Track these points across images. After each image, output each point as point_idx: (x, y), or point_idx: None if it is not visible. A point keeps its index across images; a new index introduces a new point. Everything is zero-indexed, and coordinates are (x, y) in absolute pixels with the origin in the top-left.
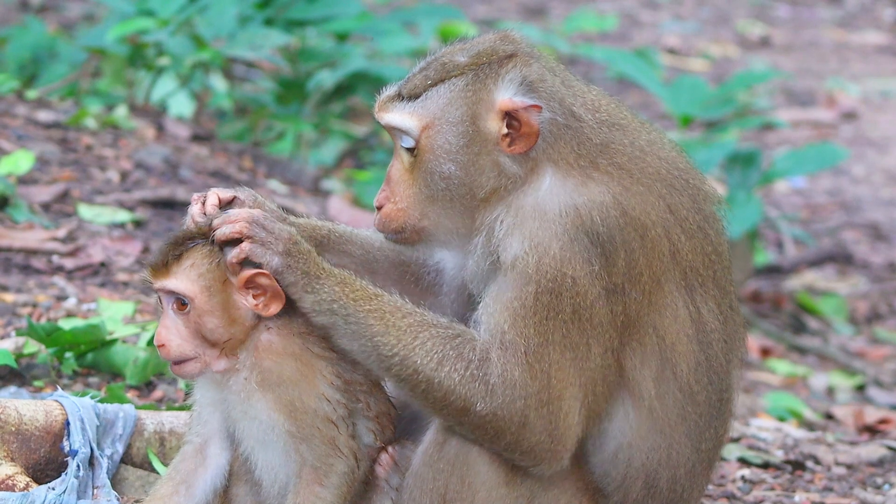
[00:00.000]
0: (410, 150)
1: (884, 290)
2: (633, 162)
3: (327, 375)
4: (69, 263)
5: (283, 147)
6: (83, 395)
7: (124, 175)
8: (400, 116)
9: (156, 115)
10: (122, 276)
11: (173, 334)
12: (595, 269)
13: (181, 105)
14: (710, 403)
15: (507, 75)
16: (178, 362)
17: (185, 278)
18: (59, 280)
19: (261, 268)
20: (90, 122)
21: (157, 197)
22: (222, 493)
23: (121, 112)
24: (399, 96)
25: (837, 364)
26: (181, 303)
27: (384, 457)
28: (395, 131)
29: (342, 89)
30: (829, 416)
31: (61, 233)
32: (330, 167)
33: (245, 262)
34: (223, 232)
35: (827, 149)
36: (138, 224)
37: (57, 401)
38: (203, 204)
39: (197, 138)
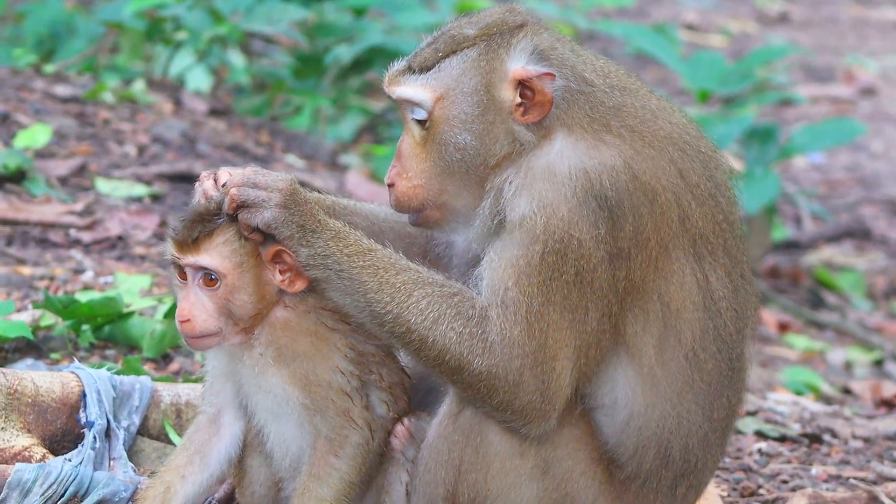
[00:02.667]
0: (422, 123)
1: None
2: (644, 125)
3: (341, 348)
4: (86, 237)
5: (301, 122)
6: (100, 367)
7: (142, 149)
8: (412, 89)
9: (173, 89)
10: (139, 250)
11: (199, 309)
12: (601, 233)
13: (199, 80)
14: (719, 372)
15: (518, 45)
16: (199, 336)
17: (217, 254)
18: (76, 253)
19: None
20: (108, 97)
21: (174, 171)
22: (237, 463)
23: (138, 86)
24: (410, 69)
25: (855, 339)
26: (209, 278)
27: (400, 429)
28: (406, 105)
29: (360, 64)
30: (847, 391)
31: (78, 206)
32: (348, 142)
33: (273, 237)
34: (226, 206)
35: (845, 124)
36: (155, 198)
37: (73, 372)
38: (216, 181)
39: (214, 113)
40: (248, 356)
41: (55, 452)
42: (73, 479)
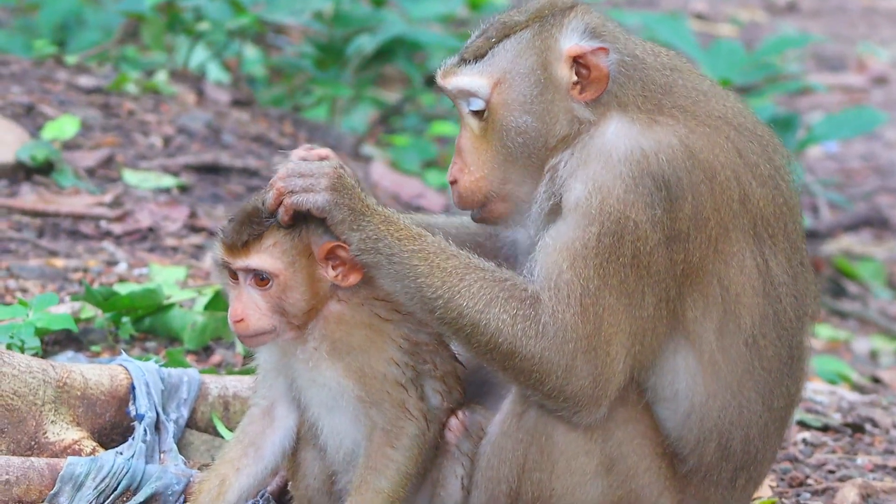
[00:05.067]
0: (479, 114)
1: None
2: (697, 105)
3: (395, 339)
4: (117, 228)
5: (320, 112)
6: (144, 359)
7: (167, 140)
8: (468, 78)
9: (195, 80)
10: (170, 241)
11: (252, 309)
12: (657, 214)
13: (214, 72)
14: (779, 359)
15: (570, 24)
16: (253, 335)
17: (268, 256)
18: (108, 245)
19: (339, 240)
20: (131, 88)
21: (200, 162)
22: (291, 456)
23: (161, 77)
24: (463, 61)
25: (878, 328)
26: (260, 279)
27: (454, 422)
28: (462, 96)
29: (382, 55)
30: (876, 380)
31: (107, 198)
32: (362, 134)
33: (327, 233)
34: (268, 203)
35: (865, 113)
36: (183, 189)
37: (122, 365)
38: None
39: (237, 103)
40: (301, 351)
41: (104, 446)
42: (126, 473)
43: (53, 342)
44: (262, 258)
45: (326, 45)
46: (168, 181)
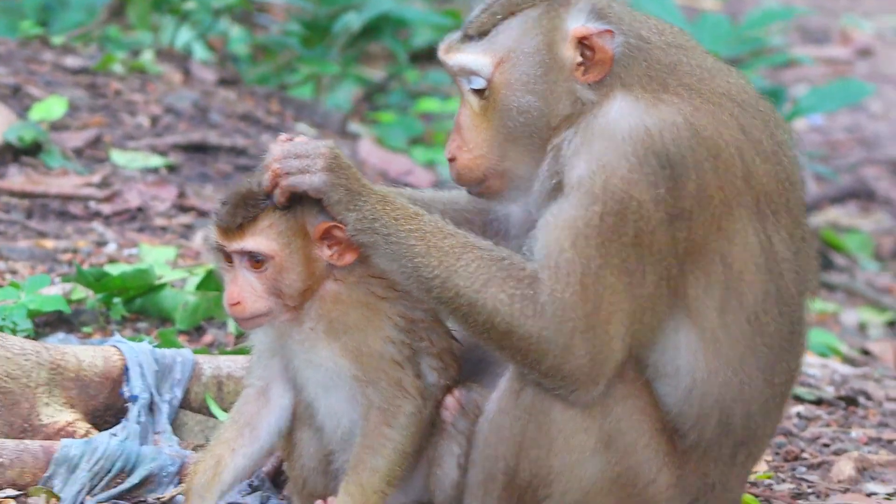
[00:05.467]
0: (480, 92)
1: None
2: (702, 83)
3: (392, 316)
4: (106, 209)
5: (306, 91)
6: (136, 340)
7: (154, 120)
8: (471, 56)
9: (181, 59)
10: (159, 221)
11: (248, 292)
12: (660, 193)
13: (201, 53)
14: (780, 336)
15: (577, 4)
16: (250, 318)
17: (264, 238)
18: (97, 226)
19: (335, 220)
20: (117, 68)
21: (188, 141)
22: (286, 436)
23: (147, 57)
24: (466, 37)
25: (866, 300)
26: (255, 260)
27: (450, 400)
28: (463, 74)
29: (367, 32)
30: (866, 352)
31: (96, 178)
32: (347, 111)
33: (322, 213)
34: (263, 185)
35: (851, 85)
36: (172, 169)
37: (115, 346)
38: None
39: (224, 82)
40: (297, 331)
41: (98, 427)
42: (120, 455)
43: (45, 324)
44: (258, 240)
45: (312, 23)
46: (156, 161)
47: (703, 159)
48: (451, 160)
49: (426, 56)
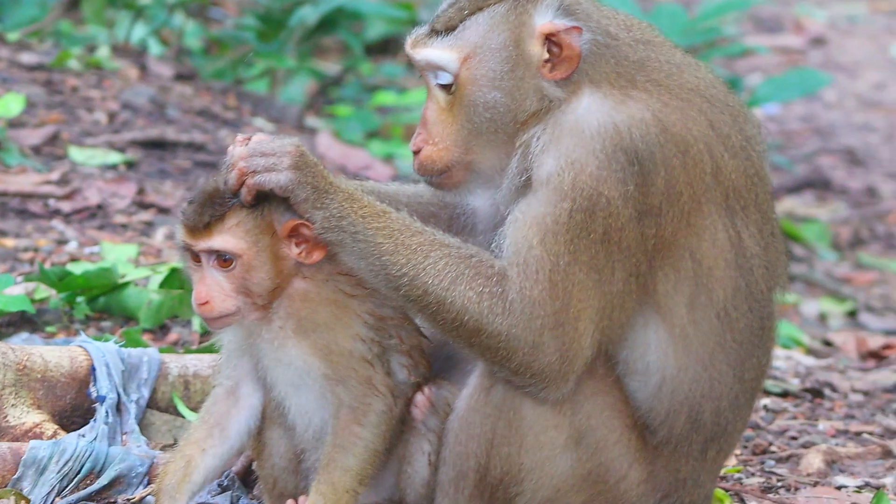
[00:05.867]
0: (447, 87)
1: (864, 214)
2: (670, 78)
3: (361, 314)
4: (66, 207)
5: (261, 85)
6: (101, 339)
7: (112, 116)
8: (437, 51)
9: (137, 55)
10: (119, 219)
11: (216, 291)
12: (629, 190)
13: (156, 48)
14: (750, 331)
15: (544, 0)
16: (218, 318)
17: (231, 237)
18: (57, 224)
19: (302, 218)
20: (73, 64)
21: (146, 137)
22: (256, 435)
23: (103, 53)
24: (433, 32)
25: (825, 290)
26: (223, 259)
27: (420, 398)
28: (430, 68)
29: (323, 25)
30: (828, 343)
31: (55, 176)
32: (301, 104)
33: (289, 210)
34: (230, 183)
35: (808, 74)
36: (130, 165)
37: (81, 346)
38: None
39: (180, 77)
40: (266, 330)
41: (65, 428)
42: (89, 456)
43: (7, 324)
44: (225, 239)
45: (268, 17)
46: (114, 157)
47: (671, 156)
48: (416, 152)
49: (380, 49)
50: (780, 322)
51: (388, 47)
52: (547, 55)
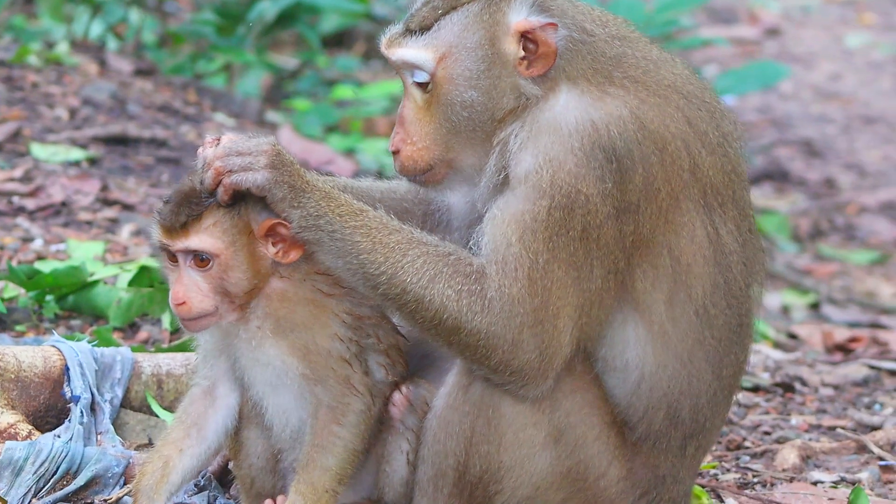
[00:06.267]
0: (423, 86)
1: (823, 206)
2: (647, 75)
3: (339, 314)
4: (30, 204)
5: (219, 80)
6: (71, 338)
7: (73, 112)
8: (413, 51)
9: (96, 50)
10: (84, 216)
11: (193, 291)
12: (608, 188)
13: (113, 43)
14: (729, 328)
15: None
16: (196, 318)
17: (208, 236)
18: (22, 221)
19: (279, 217)
20: (32, 60)
21: (108, 134)
22: (233, 435)
23: (62, 48)
24: (408, 31)
25: (787, 282)
26: (200, 259)
27: (398, 397)
28: (406, 68)
29: (282, 19)
30: (793, 336)
31: (18, 173)
32: (255, 97)
33: (266, 210)
34: (206, 183)
35: (767, 67)
36: (93, 162)
37: (54, 346)
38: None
39: (140, 73)
40: (244, 330)
41: (39, 428)
42: (65, 456)
43: None
44: (202, 238)
45: (226, 11)
46: (77, 154)
47: (649, 153)
48: (396, 153)
49: (334, 42)
50: (758, 319)
51: (342, 40)
52: (523, 52)
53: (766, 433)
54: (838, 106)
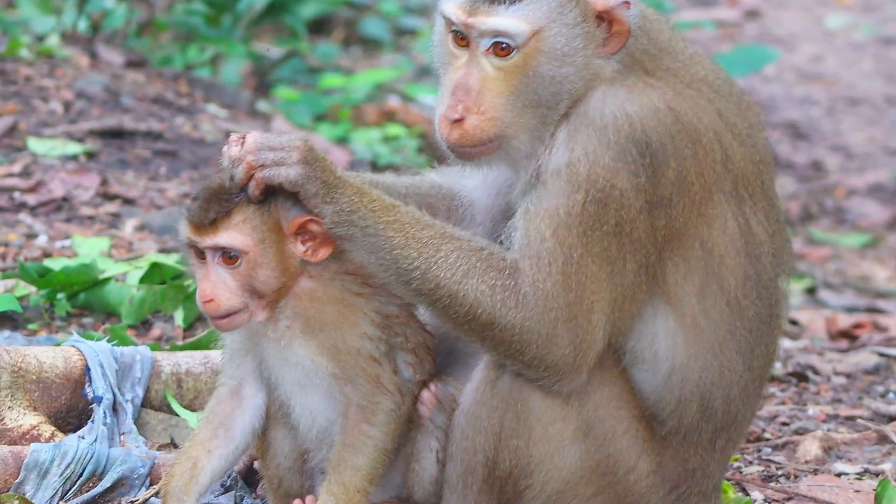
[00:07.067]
0: (503, 56)
1: (812, 189)
2: (686, 68)
3: (368, 313)
4: (31, 199)
5: (204, 70)
6: (88, 337)
7: (67, 105)
8: (508, 20)
9: (86, 41)
10: (86, 211)
11: (221, 288)
12: (641, 182)
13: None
14: (759, 319)
15: None
16: (225, 316)
17: (237, 233)
18: (25, 217)
19: (312, 214)
20: (24, 53)
21: (104, 127)
22: (260, 435)
23: (52, 40)
24: (495, 1)
25: None
26: (229, 256)
27: (426, 395)
28: (488, 35)
29: (272, 8)
30: (793, 322)
31: (17, 168)
32: (237, 86)
33: (296, 207)
34: (238, 177)
35: (755, 50)
36: (90, 156)
37: (74, 346)
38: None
39: (131, 64)
40: (272, 330)
41: (61, 429)
42: (91, 458)
43: None
44: (231, 235)
45: (214, 1)
46: (74, 148)
47: (682, 146)
48: (458, 121)
49: (313, 28)
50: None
51: (322, 27)
52: (606, 32)
53: (785, 424)
54: (822, 88)
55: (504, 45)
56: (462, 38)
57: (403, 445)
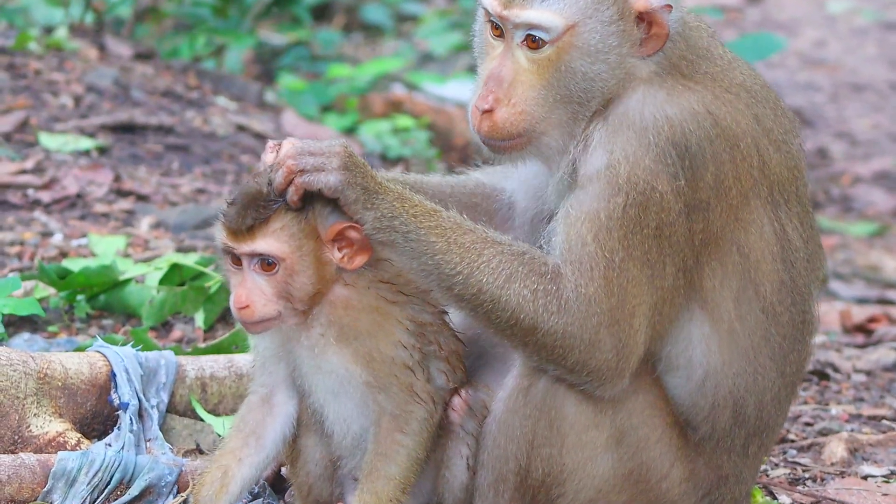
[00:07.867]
0: (535, 49)
1: (817, 177)
2: (724, 73)
3: (402, 321)
4: (45, 197)
5: (210, 61)
6: (109, 340)
7: (77, 100)
8: (545, 14)
9: (94, 34)
10: (100, 207)
11: (257, 295)
12: (680, 185)
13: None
14: (793, 325)
15: None
16: (258, 322)
17: (274, 240)
18: (39, 215)
19: (349, 220)
20: (33, 46)
21: (116, 122)
22: (291, 443)
23: (61, 33)
24: None
25: None
26: (266, 263)
27: (457, 401)
28: (523, 28)
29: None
30: None
31: (30, 164)
32: (237, 74)
33: (333, 213)
34: (277, 182)
35: (763, 38)
36: (103, 151)
37: (99, 352)
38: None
39: (140, 57)
40: (306, 337)
41: (86, 435)
42: (118, 466)
43: (7, 324)
44: (269, 242)
45: None
46: (86, 143)
47: (721, 150)
48: (488, 111)
49: (314, 15)
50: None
51: (322, 13)
52: (644, 34)
53: (808, 424)
54: (825, 73)
55: (536, 38)
56: (498, 28)
57: (433, 452)
